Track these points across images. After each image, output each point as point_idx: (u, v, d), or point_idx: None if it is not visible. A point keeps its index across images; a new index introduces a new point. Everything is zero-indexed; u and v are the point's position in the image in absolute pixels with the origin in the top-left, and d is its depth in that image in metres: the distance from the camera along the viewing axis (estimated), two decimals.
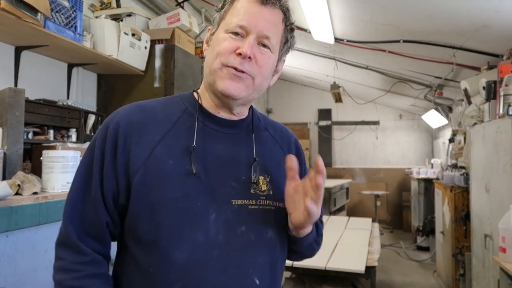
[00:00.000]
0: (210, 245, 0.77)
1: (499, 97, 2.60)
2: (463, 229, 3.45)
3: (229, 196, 0.81)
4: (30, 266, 1.48)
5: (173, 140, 0.81)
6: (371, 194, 6.55)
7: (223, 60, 0.80)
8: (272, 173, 0.88)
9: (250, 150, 0.87)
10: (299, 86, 7.69)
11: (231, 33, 0.80)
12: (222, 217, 0.79)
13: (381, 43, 3.62)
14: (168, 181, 0.77)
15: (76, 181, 0.82)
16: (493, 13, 2.55)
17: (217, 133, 0.85)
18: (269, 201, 0.84)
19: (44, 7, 1.83)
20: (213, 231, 0.77)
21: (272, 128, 0.97)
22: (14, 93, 1.66)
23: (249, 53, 0.78)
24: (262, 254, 0.82)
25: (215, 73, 0.81)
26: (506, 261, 1.99)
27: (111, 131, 0.80)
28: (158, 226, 0.76)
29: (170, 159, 0.79)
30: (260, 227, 0.83)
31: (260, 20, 0.80)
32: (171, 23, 2.85)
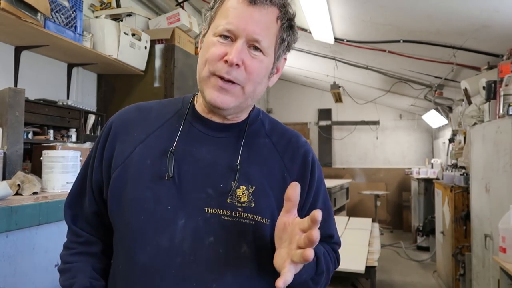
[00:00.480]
0: (173, 251, 0.73)
1: (499, 97, 2.60)
2: (463, 229, 3.45)
3: (202, 203, 0.75)
4: (30, 266, 1.48)
5: (155, 140, 0.80)
6: (371, 194, 6.55)
7: (211, 68, 0.75)
8: (258, 184, 0.79)
9: (236, 157, 0.80)
10: (299, 86, 7.69)
11: (219, 36, 0.75)
12: (191, 224, 0.74)
13: (381, 43, 3.62)
14: (141, 180, 0.76)
15: (79, 173, 0.90)
16: (493, 13, 2.55)
17: (203, 136, 0.81)
18: (247, 214, 0.76)
19: (44, 7, 1.83)
20: (179, 237, 0.73)
21: (277, 135, 0.87)
22: (14, 93, 1.66)
23: (235, 60, 0.72)
24: (231, 271, 0.74)
25: (204, 81, 0.77)
26: (506, 261, 1.99)
27: (105, 129, 0.85)
28: (126, 225, 0.76)
29: (148, 159, 0.78)
30: (232, 241, 0.75)
31: (249, 23, 0.74)
32: (171, 23, 2.85)
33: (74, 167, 1.70)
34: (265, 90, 0.85)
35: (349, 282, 2.80)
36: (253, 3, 0.74)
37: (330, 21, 3.32)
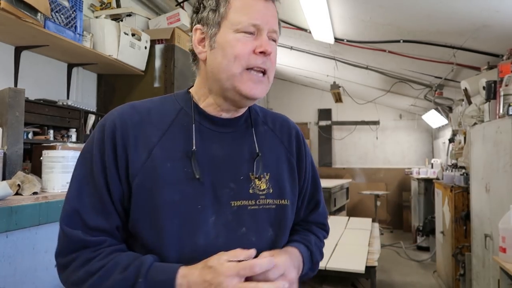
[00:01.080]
0: (210, 248, 0.75)
1: (499, 97, 2.60)
2: (463, 229, 3.45)
3: (227, 197, 0.79)
4: (30, 266, 1.48)
5: (170, 142, 0.79)
6: (371, 194, 6.55)
7: (244, 62, 0.77)
8: (272, 170, 0.85)
9: (251, 146, 0.85)
10: (299, 86, 7.69)
11: (243, 32, 0.78)
12: (221, 219, 0.77)
13: (381, 43, 3.62)
14: (166, 184, 0.76)
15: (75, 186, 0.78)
16: (493, 13, 2.55)
17: (213, 133, 0.83)
18: (269, 200, 0.83)
19: (44, 7, 1.83)
20: (213, 234, 0.76)
21: (271, 121, 0.94)
22: (14, 93, 1.66)
23: (270, 50, 0.78)
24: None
25: (235, 78, 0.78)
26: (506, 261, 1.99)
27: (108, 134, 0.78)
28: (160, 232, 0.74)
29: (168, 162, 0.77)
30: (261, 227, 0.81)
31: (269, 16, 0.80)
32: (171, 23, 2.85)
33: None
34: None
35: (349, 282, 2.80)
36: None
37: (330, 21, 3.32)
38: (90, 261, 0.73)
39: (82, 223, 0.75)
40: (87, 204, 0.76)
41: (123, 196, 0.77)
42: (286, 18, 3.63)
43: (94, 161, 0.77)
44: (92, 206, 0.76)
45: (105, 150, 0.77)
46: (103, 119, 0.82)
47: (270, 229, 0.82)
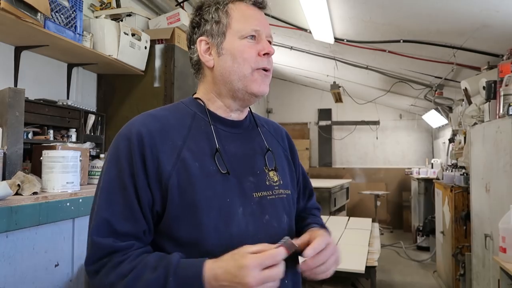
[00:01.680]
0: (243, 237, 0.83)
1: (499, 97, 2.60)
2: (463, 229, 3.45)
3: (250, 190, 0.89)
4: (30, 266, 1.48)
5: (193, 143, 0.87)
6: (371, 194, 6.55)
7: (253, 64, 0.89)
8: (278, 165, 0.97)
9: (260, 143, 0.98)
10: (299, 86, 7.69)
11: (247, 37, 0.89)
12: (248, 209, 0.87)
13: (381, 43, 3.62)
14: (198, 182, 0.83)
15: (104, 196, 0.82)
16: (493, 13, 2.55)
17: (228, 134, 0.93)
18: (281, 190, 0.95)
19: (44, 7, 1.83)
20: (243, 223, 0.85)
21: (265, 124, 1.07)
22: (14, 93, 1.66)
23: (273, 51, 0.91)
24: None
25: (246, 79, 0.89)
26: (506, 261, 1.99)
27: (134, 142, 0.82)
28: (199, 226, 0.82)
29: (196, 162, 0.85)
30: (279, 214, 0.92)
31: (266, 23, 0.93)
32: (171, 23, 2.85)
33: (74, 167, 1.70)
34: None
35: (349, 282, 2.80)
36: (263, 7, 0.94)
37: (330, 21, 3.32)
38: (121, 264, 0.77)
39: (112, 230, 0.79)
40: (116, 213, 0.80)
41: (153, 201, 0.82)
42: (286, 18, 3.63)
43: (122, 169, 0.81)
44: (121, 214, 0.80)
45: (132, 158, 0.81)
46: (126, 129, 0.86)
47: (285, 215, 0.94)
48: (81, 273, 1.75)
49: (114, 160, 0.83)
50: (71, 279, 1.69)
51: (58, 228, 1.62)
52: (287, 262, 0.79)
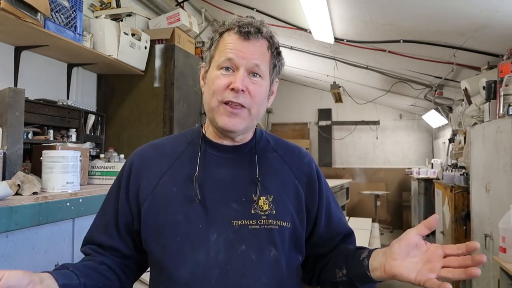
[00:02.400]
0: (210, 264, 0.80)
1: (499, 97, 2.60)
2: (463, 229, 3.45)
3: (229, 217, 0.84)
4: (30, 266, 1.48)
5: (177, 169, 0.89)
6: (371, 194, 6.55)
7: (219, 97, 0.85)
8: (275, 193, 0.89)
9: (253, 171, 0.90)
10: (299, 86, 7.69)
11: (222, 68, 0.86)
12: (222, 237, 0.82)
13: (381, 43, 3.62)
14: (171, 206, 0.85)
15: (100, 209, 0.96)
16: (493, 13, 2.55)
17: (218, 159, 0.91)
18: (271, 220, 0.86)
19: (44, 7, 1.83)
20: (214, 251, 0.81)
21: (282, 149, 0.99)
22: (14, 93, 1.66)
23: (241, 86, 0.83)
24: (265, 273, 0.82)
25: (213, 111, 0.87)
26: (506, 261, 1.99)
27: (127, 167, 0.94)
28: (164, 248, 0.83)
29: (174, 187, 0.87)
30: (261, 246, 0.84)
31: (247, 53, 0.85)
32: (171, 23, 2.85)
33: (74, 167, 1.70)
34: (265, 111, 0.97)
35: None
36: (248, 38, 0.86)
37: (330, 21, 3.32)
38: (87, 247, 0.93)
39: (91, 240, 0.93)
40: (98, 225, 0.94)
41: (132, 221, 0.90)
42: (286, 18, 3.63)
43: (112, 191, 0.95)
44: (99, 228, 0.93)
45: (121, 181, 0.92)
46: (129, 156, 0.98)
47: (272, 248, 0.85)
48: None
49: (115, 181, 0.96)
50: None
51: (58, 228, 1.62)
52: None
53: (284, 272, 0.85)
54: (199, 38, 3.24)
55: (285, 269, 0.85)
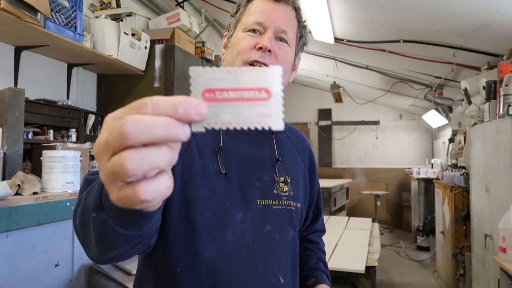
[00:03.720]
0: (238, 244, 0.77)
1: (499, 97, 2.60)
2: (463, 229, 3.45)
3: (254, 196, 0.83)
4: (30, 266, 1.48)
5: (202, 140, 0.82)
6: (371, 194, 6.55)
7: (244, 57, 0.81)
8: (292, 174, 0.90)
9: (272, 151, 0.90)
10: (299, 86, 7.69)
11: (249, 31, 0.83)
12: (248, 216, 0.80)
13: (381, 43, 3.62)
14: (199, 179, 0.78)
15: None
16: (493, 13, 2.55)
17: (240, 135, 0.87)
18: (290, 202, 0.87)
19: (44, 7, 1.83)
20: (240, 230, 0.79)
21: (288, 130, 1.00)
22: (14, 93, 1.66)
23: (269, 46, 0.80)
24: (285, 253, 0.84)
25: None
26: (506, 261, 1.99)
27: None
28: (190, 224, 0.76)
29: (201, 159, 0.81)
30: (283, 226, 0.84)
31: (276, 16, 0.83)
32: (171, 23, 2.85)
33: (74, 167, 1.70)
34: (285, 85, 0.88)
35: (349, 282, 2.80)
36: (278, 0, 0.85)
37: (330, 21, 3.32)
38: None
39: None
40: None
41: None
42: None
43: None
44: None
45: None
46: None
47: (291, 229, 0.86)
48: (81, 273, 1.75)
49: None
50: (71, 279, 1.69)
51: (58, 228, 1.62)
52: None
53: (296, 252, 0.88)
54: (199, 38, 3.24)
55: (297, 250, 0.89)
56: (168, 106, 0.34)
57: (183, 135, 0.34)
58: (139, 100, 0.35)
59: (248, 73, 0.38)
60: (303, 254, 1.00)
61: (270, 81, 0.38)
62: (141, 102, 0.35)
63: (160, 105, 0.34)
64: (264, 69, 0.38)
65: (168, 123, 0.33)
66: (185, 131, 0.35)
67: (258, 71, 0.38)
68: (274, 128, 0.38)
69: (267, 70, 0.38)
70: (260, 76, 0.38)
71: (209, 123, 0.39)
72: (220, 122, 0.39)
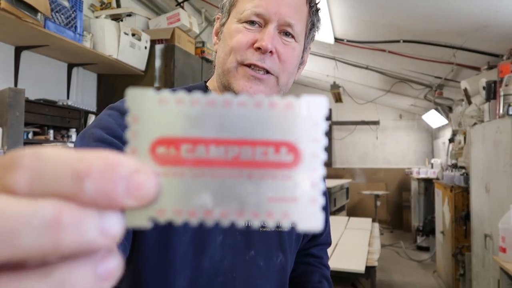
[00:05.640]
0: (214, 271, 0.66)
1: (499, 97, 2.60)
2: (463, 229, 3.45)
3: None
4: None
5: None
6: (371, 194, 6.55)
7: (239, 57, 0.66)
8: None
9: None
10: (299, 86, 7.69)
11: (245, 22, 0.66)
12: (229, 240, 0.69)
13: (381, 43, 3.62)
14: None
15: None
16: (493, 13, 2.56)
17: None
18: None
19: (44, 7, 1.83)
20: (219, 256, 0.67)
21: None
22: (14, 93, 1.66)
23: (270, 46, 0.64)
24: (270, 282, 0.73)
25: (230, 73, 0.67)
26: (506, 261, 1.99)
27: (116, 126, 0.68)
28: (165, 250, 0.65)
29: None
30: (270, 251, 0.73)
31: (281, 5, 0.65)
32: (171, 23, 2.85)
33: None
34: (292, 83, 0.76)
35: (349, 282, 2.80)
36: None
37: (330, 21, 3.32)
38: None
39: None
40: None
41: None
42: None
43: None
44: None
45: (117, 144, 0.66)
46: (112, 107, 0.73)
47: (280, 253, 0.74)
48: None
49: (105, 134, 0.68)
50: None
51: None
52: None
53: (285, 280, 0.76)
54: (199, 38, 3.24)
55: (287, 275, 0.77)
56: (64, 174, 0.16)
57: (100, 238, 0.17)
58: (12, 154, 0.17)
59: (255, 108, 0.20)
60: (305, 270, 0.90)
61: (301, 128, 0.20)
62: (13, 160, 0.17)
63: (48, 171, 0.16)
64: (288, 101, 0.20)
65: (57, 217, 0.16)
66: (104, 229, 0.17)
67: (274, 106, 0.20)
68: (304, 228, 0.21)
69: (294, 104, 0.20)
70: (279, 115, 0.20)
71: (162, 210, 0.20)
72: (189, 210, 0.20)
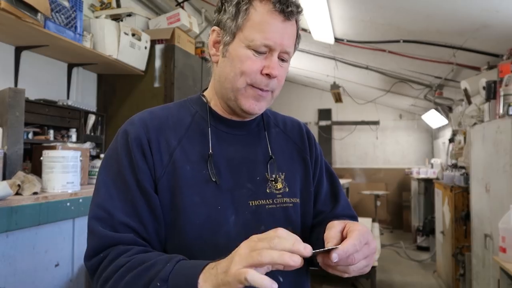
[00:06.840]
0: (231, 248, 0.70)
1: (499, 97, 2.60)
2: (463, 229, 3.45)
3: (246, 198, 0.82)
4: (30, 266, 1.48)
5: (188, 145, 0.82)
6: (371, 194, 6.55)
7: (249, 80, 0.79)
8: (286, 170, 0.89)
9: (265, 149, 0.89)
10: (299, 86, 7.69)
11: (254, 50, 0.78)
12: (241, 219, 0.80)
13: (381, 43, 3.62)
14: (187, 187, 0.78)
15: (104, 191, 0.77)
16: (493, 13, 2.55)
17: (228, 136, 0.86)
18: (286, 199, 0.86)
19: (44, 7, 1.83)
20: (234, 233, 0.78)
21: (282, 123, 0.98)
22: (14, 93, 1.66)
23: (275, 73, 0.79)
24: None
25: (238, 92, 0.80)
26: (506, 261, 1.99)
27: (133, 137, 0.79)
28: (181, 233, 0.77)
29: (188, 165, 0.80)
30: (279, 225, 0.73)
31: (284, 38, 0.79)
32: (171, 23, 2.85)
33: (74, 167, 1.70)
34: None
35: (349, 282, 2.80)
36: (288, 19, 0.80)
37: (330, 21, 3.32)
38: (120, 256, 0.71)
39: (113, 223, 0.74)
40: (118, 206, 0.76)
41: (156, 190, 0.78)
42: None
43: (122, 164, 0.78)
44: (123, 207, 0.76)
45: (131, 152, 0.78)
46: (125, 125, 0.83)
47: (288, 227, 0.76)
48: (81, 273, 1.75)
49: (114, 154, 0.80)
50: (71, 279, 1.69)
51: (58, 228, 1.62)
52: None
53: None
54: (199, 38, 3.24)
55: None
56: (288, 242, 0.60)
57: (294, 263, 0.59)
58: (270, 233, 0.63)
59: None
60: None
61: None
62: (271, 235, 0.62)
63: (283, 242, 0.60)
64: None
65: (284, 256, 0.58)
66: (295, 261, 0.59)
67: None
68: None
69: None
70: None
71: None
72: None
